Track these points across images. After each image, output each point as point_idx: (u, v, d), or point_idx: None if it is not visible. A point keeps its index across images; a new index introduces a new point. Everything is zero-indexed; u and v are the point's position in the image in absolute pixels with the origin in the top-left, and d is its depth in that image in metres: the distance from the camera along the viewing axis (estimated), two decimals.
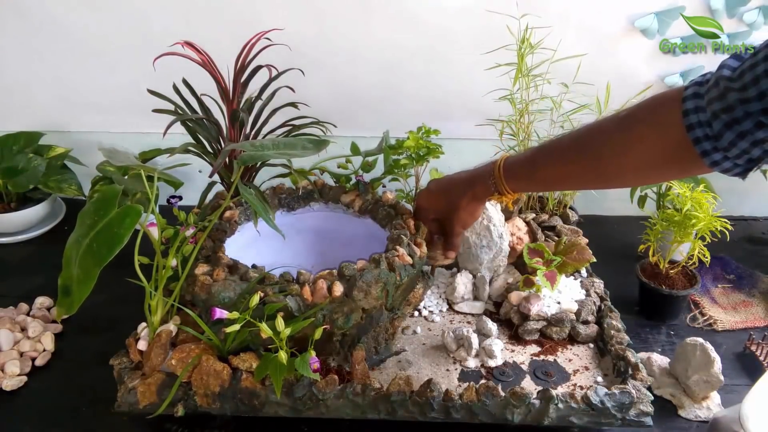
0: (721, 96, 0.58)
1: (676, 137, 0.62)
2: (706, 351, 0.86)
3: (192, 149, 0.95)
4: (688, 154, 0.62)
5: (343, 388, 0.79)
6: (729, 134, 0.58)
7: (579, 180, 0.80)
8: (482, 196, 0.87)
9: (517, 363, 0.92)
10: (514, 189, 0.83)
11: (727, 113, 0.58)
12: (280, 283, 0.81)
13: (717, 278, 1.19)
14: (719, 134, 0.59)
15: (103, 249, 0.75)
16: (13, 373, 0.90)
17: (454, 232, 0.92)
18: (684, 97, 0.62)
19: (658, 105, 0.66)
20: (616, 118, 0.70)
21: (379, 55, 1.27)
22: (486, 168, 0.85)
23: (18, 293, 1.09)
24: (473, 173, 0.87)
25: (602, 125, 0.72)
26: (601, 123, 0.73)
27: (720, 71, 0.59)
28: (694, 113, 0.61)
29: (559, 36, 1.08)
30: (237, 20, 1.20)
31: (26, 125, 1.32)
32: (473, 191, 0.86)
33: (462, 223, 0.91)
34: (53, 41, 1.27)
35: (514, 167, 0.82)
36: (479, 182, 0.85)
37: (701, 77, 0.63)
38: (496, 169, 0.83)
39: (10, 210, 1.25)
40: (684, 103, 0.61)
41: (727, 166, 0.61)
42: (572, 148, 0.75)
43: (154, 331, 0.82)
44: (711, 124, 0.59)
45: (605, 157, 0.70)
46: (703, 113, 0.60)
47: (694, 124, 0.61)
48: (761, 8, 1.21)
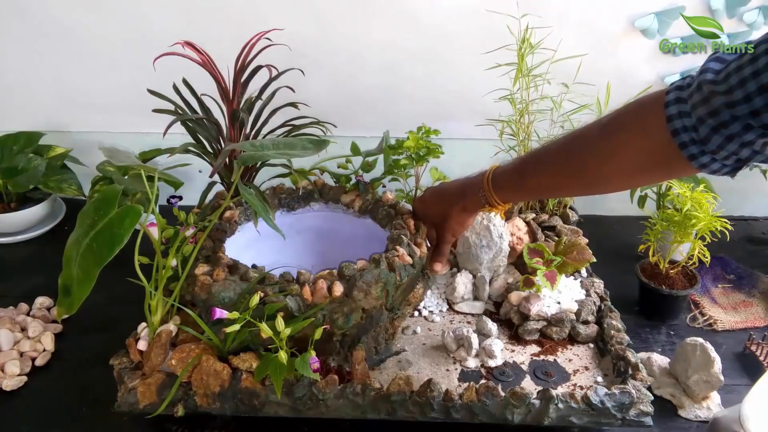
0: (705, 100, 0.57)
1: (661, 142, 0.61)
2: (706, 351, 0.86)
3: (192, 149, 0.95)
4: (675, 158, 0.61)
5: (343, 388, 0.79)
6: (716, 138, 0.57)
7: (567, 188, 0.80)
8: (472, 208, 0.87)
9: (517, 363, 0.92)
10: (503, 200, 0.82)
11: (713, 117, 0.57)
12: (280, 283, 0.81)
13: (717, 278, 1.19)
14: (706, 138, 0.58)
15: (103, 249, 0.75)
16: (13, 373, 0.90)
17: (443, 239, 0.92)
18: (666, 102, 0.61)
19: (640, 110, 0.65)
20: (599, 125, 0.70)
21: (380, 55, 1.27)
22: (476, 179, 0.84)
23: (18, 293, 1.09)
24: (465, 183, 0.87)
25: (586, 132, 0.72)
26: (585, 130, 0.72)
27: (702, 75, 0.58)
28: (678, 118, 0.60)
29: (560, 36, 1.08)
30: (237, 20, 1.20)
31: (26, 125, 1.32)
32: (463, 203, 0.86)
33: (452, 232, 0.91)
34: (53, 41, 1.27)
35: (501, 178, 0.81)
36: (470, 194, 0.85)
37: (681, 81, 0.62)
38: (485, 181, 0.82)
39: (10, 210, 1.25)
40: (667, 109, 0.61)
41: (716, 168, 0.61)
42: (557, 157, 0.74)
43: (154, 331, 0.82)
44: (697, 129, 0.59)
45: (590, 165, 0.70)
46: (688, 118, 0.59)
47: (679, 129, 0.60)
48: (761, 8, 1.21)
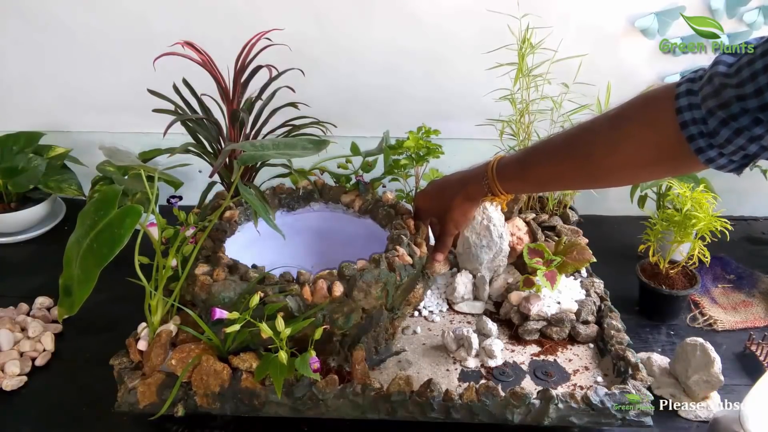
0: (716, 92, 0.57)
1: (669, 135, 0.61)
2: (706, 351, 0.86)
3: (192, 149, 0.95)
4: (682, 152, 0.61)
5: (343, 388, 0.79)
6: (725, 131, 0.57)
7: (571, 180, 0.80)
8: (475, 197, 0.87)
9: (517, 363, 0.92)
10: (507, 190, 0.83)
11: (723, 110, 0.57)
12: (280, 283, 0.81)
13: (717, 278, 1.19)
14: (715, 131, 0.58)
15: (104, 249, 0.75)
16: (13, 373, 0.90)
17: (446, 231, 0.92)
18: (677, 94, 0.61)
19: (649, 102, 0.65)
20: (607, 117, 0.69)
21: (380, 55, 1.27)
22: (480, 169, 0.85)
23: (18, 293, 1.09)
24: (467, 174, 0.87)
25: (593, 124, 0.72)
26: (592, 122, 0.72)
27: (715, 67, 0.58)
28: (688, 110, 0.59)
29: (560, 36, 1.08)
30: (237, 20, 1.20)
31: (26, 125, 1.32)
32: (466, 191, 0.86)
33: (455, 223, 0.90)
34: (53, 41, 1.27)
35: (506, 168, 0.81)
36: (472, 182, 0.85)
37: (693, 73, 0.62)
38: (489, 170, 0.82)
39: (10, 210, 1.25)
40: (677, 100, 0.60)
41: (723, 163, 0.61)
42: (563, 148, 0.74)
43: (154, 331, 0.82)
44: (706, 121, 0.58)
45: (596, 156, 0.70)
46: (698, 110, 0.59)
47: (688, 122, 0.60)
48: (761, 8, 1.21)
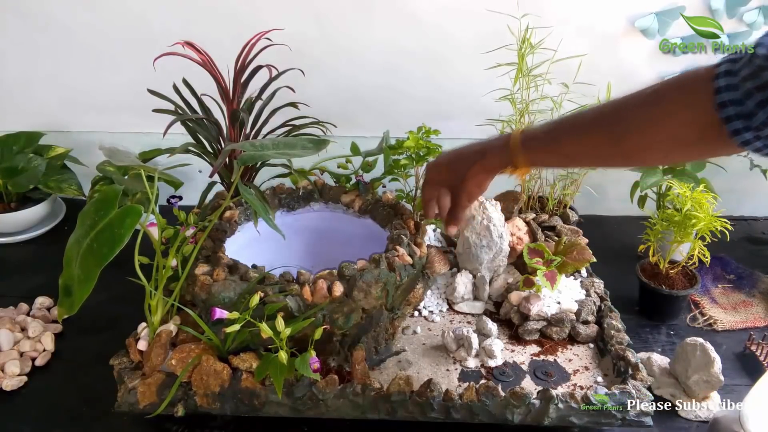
0: (754, 74, 0.57)
1: (705, 115, 0.61)
2: (706, 351, 0.86)
3: (192, 149, 0.95)
4: (718, 133, 0.61)
5: (343, 388, 0.79)
6: (762, 114, 0.57)
7: (602, 158, 0.78)
8: (493, 168, 0.83)
9: (517, 363, 0.92)
10: (531, 162, 0.80)
11: (761, 91, 0.56)
12: (280, 283, 0.81)
13: (717, 278, 1.19)
14: (752, 113, 0.58)
15: (104, 249, 0.75)
16: (13, 373, 0.90)
17: (459, 203, 0.88)
18: (717, 74, 0.60)
19: (687, 82, 0.65)
20: (642, 95, 0.68)
21: (380, 55, 1.27)
22: (499, 140, 0.82)
23: (18, 293, 1.09)
24: (485, 144, 0.84)
25: (627, 101, 0.70)
26: (626, 99, 0.71)
27: (756, 49, 0.57)
28: (726, 91, 0.59)
29: (560, 36, 1.08)
30: (237, 20, 1.20)
31: (26, 125, 1.32)
32: (483, 162, 0.83)
33: (468, 195, 0.86)
34: (53, 41, 1.27)
35: (532, 139, 0.79)
36: (491, 153, 0.82)
37: (734, 54, 0.61)
38: (513, 141, 0.80)
39: (10, 210, 1.25)
40: (716, 81, 0.60)
41: (759, 146, 0.60)
42: (596, 122, 0.73)
43: (154, 331, 0.82)
44: (743, 102, 0.58)
45: (631, 132, 0.69)
46: (735, 91, 0.59)
47: (726, 102, 0.59)
48: (761, 8, 1.21)
